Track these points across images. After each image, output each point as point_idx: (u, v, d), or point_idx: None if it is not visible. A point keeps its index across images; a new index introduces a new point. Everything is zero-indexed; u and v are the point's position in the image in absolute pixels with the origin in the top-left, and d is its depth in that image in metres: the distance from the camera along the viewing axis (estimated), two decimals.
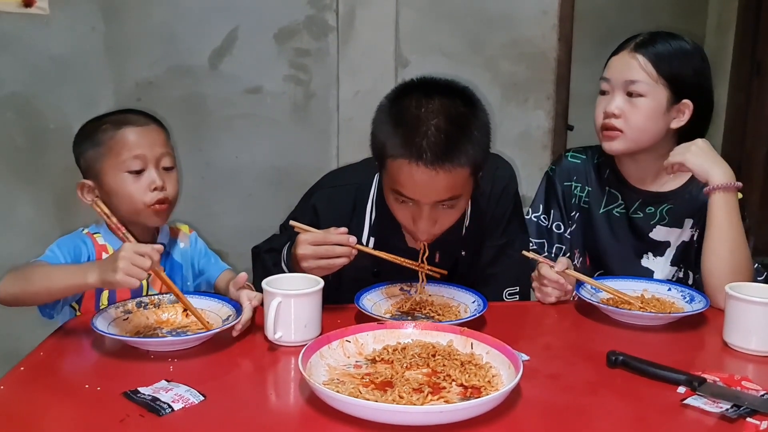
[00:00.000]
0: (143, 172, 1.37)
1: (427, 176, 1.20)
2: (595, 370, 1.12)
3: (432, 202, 1.26)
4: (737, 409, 0.96)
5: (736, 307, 1.20)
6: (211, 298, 1.35)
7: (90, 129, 1.41)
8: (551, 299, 1.44)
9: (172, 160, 1.42)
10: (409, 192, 1.25)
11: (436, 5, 2.76)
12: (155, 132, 1.41)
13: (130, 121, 1.39)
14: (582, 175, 1.65)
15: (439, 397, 0.98)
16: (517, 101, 2.88)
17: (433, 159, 1.19)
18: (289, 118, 2.78)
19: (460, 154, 1.22)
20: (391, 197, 1.32)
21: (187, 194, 2.79)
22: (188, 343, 1.18)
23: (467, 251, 1.48)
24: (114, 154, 1.36)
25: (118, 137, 1.37)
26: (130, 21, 2.63)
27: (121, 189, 1.36)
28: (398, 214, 1.33)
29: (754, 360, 1.18)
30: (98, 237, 1.42)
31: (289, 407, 1.02)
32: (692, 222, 1.56)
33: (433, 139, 1.20)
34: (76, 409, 0.99)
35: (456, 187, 1.25)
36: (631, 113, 1.49)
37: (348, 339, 1.14)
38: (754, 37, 3.99)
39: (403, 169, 1.22)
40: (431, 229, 1.30)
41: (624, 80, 1.49)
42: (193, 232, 1.59)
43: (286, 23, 2.71)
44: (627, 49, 1.52)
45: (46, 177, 2.64)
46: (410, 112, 1.24)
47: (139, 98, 2.66)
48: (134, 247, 1.16)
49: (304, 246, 1.27)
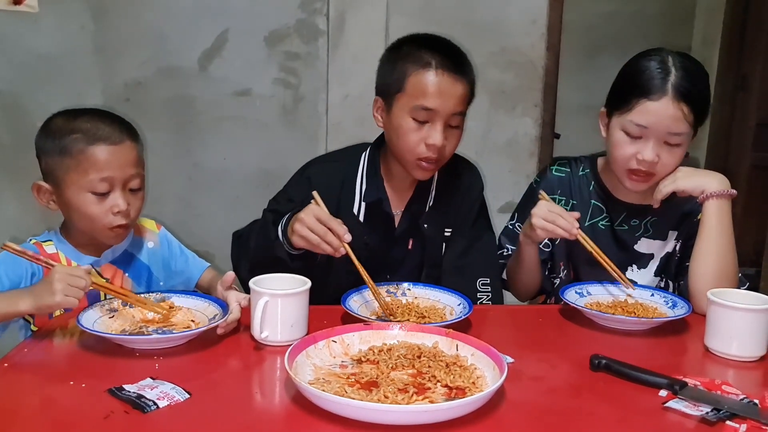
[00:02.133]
0: (108, 194, 1.31)
1: (449, 84, 1.43)
2: (578, 374, 1.13)
3: (449, 112, 1.44)
4: (717, 412, 0.97)
5: (718, 312, 1.22)
6: (197, 297, 1.35)
7: (59, 130, 1.32)
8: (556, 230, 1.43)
9: (140, 181, 1.36)
10: (432, 101, 1.42)
11: (426, 12, 2.79)
12: (128, 150, 1.33)
13: (103, 137, 1.30)
14: (566, 188, 1.64)
15: (424, 398, 0.98)
16: (505, 109, 2.91)
17: (453, 67, 1.44)
18: (277, 121, 2.79)
19: (468, 70, 1.48)
20: (405, 125, 1.46)
21: (174, 195, 2.80)
22: (174, 341, 1.18)
23: (429, 226, 1.60)
24: (81, 171, 1.29)
25: (89, 154, 1.29)
26: (120, 20, 2.62)
27: (83, 207, 1.32)
28: (411, 139, 1.46)
29: (734, 365, 1.19)
30: (48, 245, 1.38)
31: (275, 406, 1.02)
32: (676, 234, 1.58)
33: (449, 53, 1.46)
34: (60, 405, 0.99)
35: (464, 102, 1.47)
36: (666, 160, 1.46)
37: (334, 339, 1.15)
38: (739, 51, 4.05)
39: (428, 78, 1.42)
40: (442, 146, 1.45)
41: (667, 132, 1.43)
42: (161, 228, 1.55)
43: (277, 26, 2.72)
44: (668, 96, 1.41)
45: (32, 175, 2.62)
46: (421, 41, 1.49)
47: (128, 98, 2.66)
48: (66, 270, 1.16)
49: (309, 215, 1.32)
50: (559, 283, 1.64)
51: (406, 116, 1.45)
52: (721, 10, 4.13)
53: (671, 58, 1.45)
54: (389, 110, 1.50)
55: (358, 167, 1.59)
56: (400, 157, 1.52)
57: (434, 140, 1.44)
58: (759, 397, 1.03)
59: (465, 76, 1.46)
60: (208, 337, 1.21)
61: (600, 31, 4.33)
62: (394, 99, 1.47)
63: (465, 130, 1.54)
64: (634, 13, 4.37)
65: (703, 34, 4.36)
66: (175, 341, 1.18)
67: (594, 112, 1.49)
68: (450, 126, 1.47)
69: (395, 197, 1.60)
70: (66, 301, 1.14)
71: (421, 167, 1.49)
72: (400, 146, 1.49)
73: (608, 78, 1.56)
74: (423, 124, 1.45)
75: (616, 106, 1.49)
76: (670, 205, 1.56)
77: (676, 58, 1.45)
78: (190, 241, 1.61)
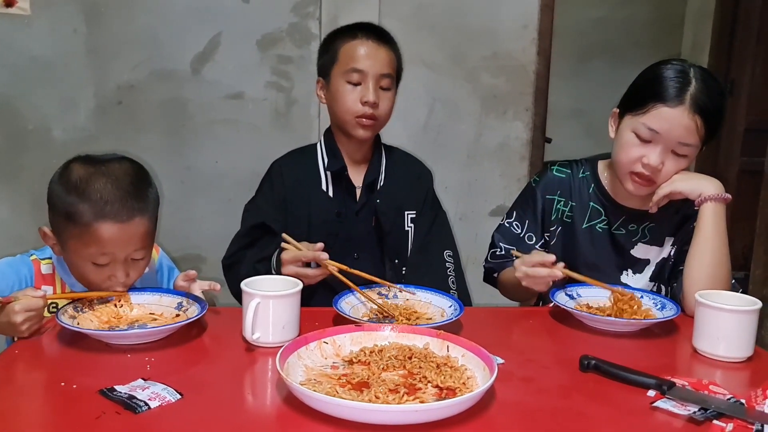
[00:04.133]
0: (108, 264, 1.29)
1: (374, 48, 1.65)
2: (568, 374, 1.14)
3: (377, 72, 1.64)
4: (704, 412, 0.98)
5: (705, 314, 1.23)
6: (150, 293, 1.36)
7: (72, 189, 1.26)
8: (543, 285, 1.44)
9: (144, 252, 1.33)
10: (362, 63, 1.63)
11: (418, 16, 2.80)
12: (135, 227, 1.28)
13: (111, 213, 1.25)
14: (566, 189, 1.65)
15: (415, 398, 0.99)
16: (496, 113, 2.93)
17: (375, 37, 1.67)
18: (270, 124, 2.79)
19: (390, 40, 1.71)
20: (341, 89, 1.65)
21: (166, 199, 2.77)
22: (167, 332, 1.19)
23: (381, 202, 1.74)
24: (83, 243, 1.26)
25: (93, 230, 1.25)
26: (113, 24, 2.63)
27: (82, 271, 1.31)
28: (348, 99, 1.65)
29: (721, 366, 1.21)
30: (45, 263, 1.38)
31: (266, 407, 1.02)
32: (672, 240, 1.59)
33: (373, 28, 1.71)
34: (51, 406, 0.99)
35: (390, 65, 1.68)
36: (669, 168, 1.47)
37: (326, 340, 1.15)
38: (728, 56, 4.09)
39: (357, 47, 1.65)
40: (376, 105, 1.64)
41: (678, 141, 1.44)
42: (160, 252, 1.55)
43: (269, 30, 2.73)
44: (685, 105, 1.42)
45: (24, 177, 2.63)
46: (349, 25, 1.72)
47: (120, 101, 2.66)
48: (20, 305, 1.17)
49: (288, 267, 1.46)
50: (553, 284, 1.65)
51: (341, 81, 1.66)
52: (710, 17, 4.17)
53: (693, 69, 1.46)
54: (328, 84, 1.70)
55: (316, 150, 1.76)
56: (342, 121, 1.68)
57: (368, 97, 1.63)
58: (745, 396, 1.04)
59: (387, 43, 1.69)
60: (199, 339, 1.21)
61: (591, 37, 4.36)
62: (331, 72, 1.68)
63: (456, 134, 1.56)
64: (625, 19, 4.40)
65: (693, 40, 4.39)
66: (154, 336, 1.20)
67: (585, 116, 1.51)
68: (381, 88, 1.66)
69: (353, 171, 1.74)
70: (32, 331, 1.20)
71: (362, 124, 1.66)
72: (340, 109, 1.67)
73: (599, 82, 1.58)
74: (357, 86, 1.64)
75: (631, 108, 1.50)
76: (669, 211, 1.57)
77: (697, 70, 1.46)
78: (183, 244, 1.62)
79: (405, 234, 1.76)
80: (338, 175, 1.71)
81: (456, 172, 2.91)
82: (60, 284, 1.39)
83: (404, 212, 1.76)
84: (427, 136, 2.88)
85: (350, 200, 1.72)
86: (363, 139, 1.70)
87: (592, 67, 4.29)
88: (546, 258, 1.42)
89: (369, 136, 1.70)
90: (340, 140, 1.74)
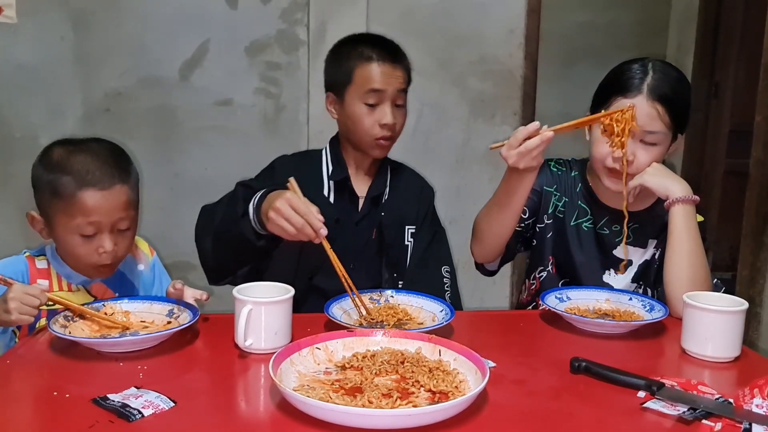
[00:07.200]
0: (95, 235, 1.32)
1: (390, 69, 1.65)
2: (558, 376, 1.15)
3: (395, 89, 1.64)
4: (693, 411, 1.00)
5: (693, 315, 1.25)
6: (140, 300, 1.36)
7: (54, 167, 1.32)
8: (539, 156, 1.43)
9: (129, 222, 1.36)
10: (379, 83, 1.62)
11: (405, 22, 2.82)
12: (117, 194, 1.33)
13: (93, 182, 1.30)
14: (561, 185, 1.69)
15: (408, 402, 1.00)
16: (484, 117, 2.94)
17: (392, 59, 1.66)
18: (259, 130, 2.79)
19: (402, 57, 1.70)
20: (358, 110, 1.64)
21: (155, 206, 2.79)
22: (159, 339, 1.19)
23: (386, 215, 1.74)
24: (69, 214, 1.30)
25: (77, 199, 1.29)
26: (100, 31, 2.62)
27: (69, 246, 1.33)
28: (366, 122, 1.64)
29: (709, 366, 1.22)
30: (40, 260, 1.40)
31: (260, 413, 1.02)
32: (655, 242, 1.62)
33: (386, 45, 1.69)
34: (44, 416, 0.99)
35: (404, 81, 1.68)
36: (642, 158, 1.49)
37: (318, 346, 1.15)
38: (712, 59, 4.14)
39: (373, 70, 1.63)
40: (394, 122, 1.65)
41: (642, 130, 1.47)
42: (154, 254, 1.56)
43: (258, 37, 2.73)
44: (643, 94, 1.47)
45: (11, 186, 2.61)
46: (357, 40, 1.71)
47: (108, 108, 2.66)
48: (23, 288, 1.20)
49: (285, 205, 1.36)
50: (545, 276, 1.68)
51: (358, 103, 1.64)
52: (694, 20, 4.22)
53: (651, 63, 1.51)
54: (342, 101, 1.67)
55: (322, 156, 1.76)
56: (359, 141, 1.67)
57: (386, 119, 1.63)
58: (733, 396, 1.05)
59: (401, 62, 1.68)
60: (192, 345, 1.21)
61: (577, 41, 4.40)
62: (345, 91, 1.66)
63: (445, 138, 1.57)
64: (610, 22, 4.44)
65: (678, 44, 4.44)
66: (161, 339, 1.20)
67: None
68: (396, 105, 1.66)
69: (357, 182, 1.74)
70: (20, 319, 1.20)
71: (380, 146, 1.67)
72: (358, 130, 1.66)
73: (585, 86, 1.60)
74: (374, 108, 1.64)
75: (597, 106, 1.55)
76: (652, 214, 1.59)
77: (656, 63, 1.51)
78: (172, 251, 1.62)
79: (405, 248, 1.75)
80: (341, 184, 1.71)
81: (445, 176, 2.92)
82: (56, 278, 1.39)
83: (405, 227, 1.76)
84: (415, 141, 2.89)
85: (352, 209, 1.72)
86: (380, 158, 1.72)
87: (578, 71, 4.33)
88: (530, 128, 1.41)
89: (386, 154, 1.72)
90: (347, 151, 1.73)
